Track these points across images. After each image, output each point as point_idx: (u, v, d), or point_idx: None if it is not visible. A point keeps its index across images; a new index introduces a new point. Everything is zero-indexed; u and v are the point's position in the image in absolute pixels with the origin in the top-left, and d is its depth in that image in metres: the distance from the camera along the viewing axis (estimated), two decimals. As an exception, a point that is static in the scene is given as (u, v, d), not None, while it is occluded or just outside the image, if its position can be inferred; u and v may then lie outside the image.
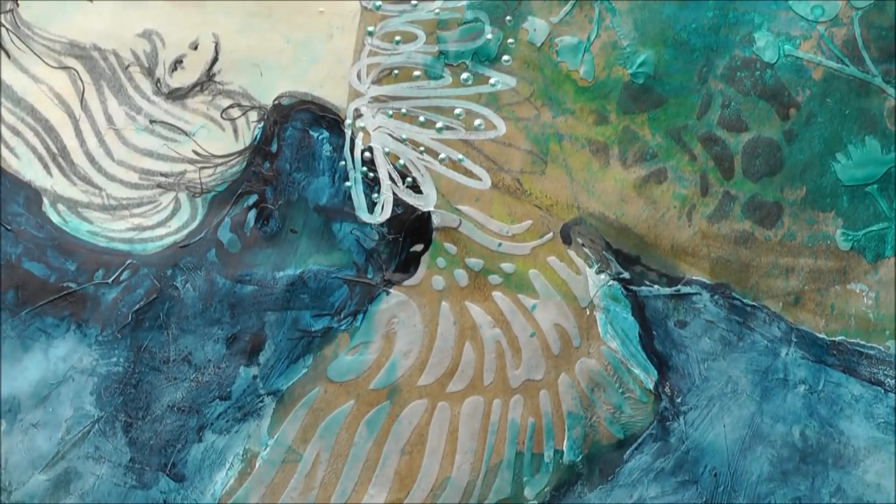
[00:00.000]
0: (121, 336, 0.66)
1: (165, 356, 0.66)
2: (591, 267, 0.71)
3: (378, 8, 0.70)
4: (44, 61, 0.68)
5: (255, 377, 0.67)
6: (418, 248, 0.70)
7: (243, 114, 0.69)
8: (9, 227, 0.66)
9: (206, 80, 0.69)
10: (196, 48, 0.69)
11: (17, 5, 0.67)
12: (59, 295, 0.66)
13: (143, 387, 0.66)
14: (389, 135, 0.70)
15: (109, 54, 0.68)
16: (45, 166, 0.67)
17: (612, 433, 0.70)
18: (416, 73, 0.70)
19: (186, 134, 0.69)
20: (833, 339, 0.71)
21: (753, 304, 0.71)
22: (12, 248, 0.66)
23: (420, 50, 0.70)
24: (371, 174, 0.69)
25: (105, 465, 0.65)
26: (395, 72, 0.70)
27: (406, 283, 0.69)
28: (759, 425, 0.71)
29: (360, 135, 0.70)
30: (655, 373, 0.70)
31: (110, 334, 0.66)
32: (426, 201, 0.70)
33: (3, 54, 0.67)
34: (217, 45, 0.69)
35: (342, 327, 0.69)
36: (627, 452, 0.70)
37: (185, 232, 0.68)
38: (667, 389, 0.70)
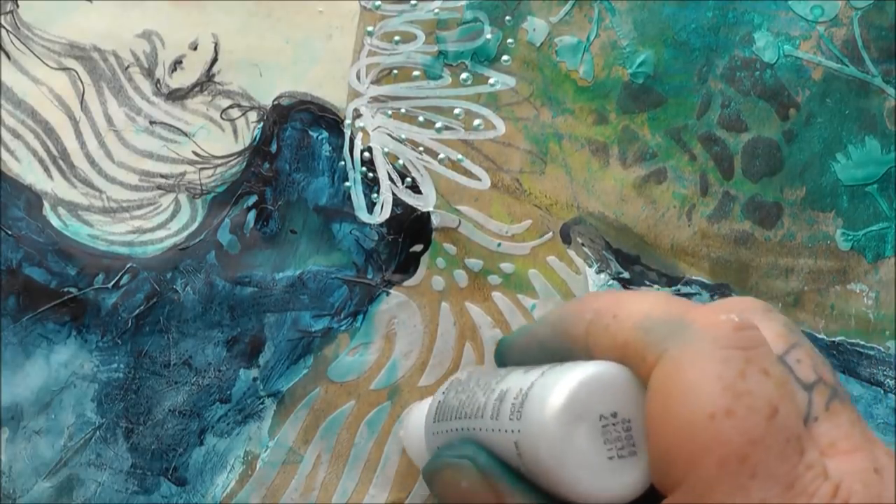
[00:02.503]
0: (121, 342, 0.66)
1: (166, 360, 0.66)
2: (590, 267, 0.71)
3: (377, 8, 0.70)
4: (44, 62, 0.67)
5: (255, 379, 0.67)
6: (418, 248, 0.70)
7: (243, 114, 0.69)
8: (9, 233, 0.66)
9: (206, 81, 0.68)
10: (196, 48, 0.69)
11: (18, 6, 0.67)
12: (60, 300, 0.65)
13: (143, 392, 0.66)
14: (389, 135, 0.70)
15: (109, 55, 0.68)
16: (46, 169, 0.66)
17: (613, 433, 0.70)
18: (416, 73, 0.70)
19: (186, 135, 0.68)
20: (833, 339, 0.71)
21: (753, 303, 0.71)
22: (13, 254, 0.65)
23: (419, 50, 0.70)
24: (370, 174, 0.69)
25: (106, 472, 0.65)
26: (395, 72, 0.70)
27: (406, 283, 0.69)
28: (759, 424, 0.70)
29: (360, 135, 0.70)
30: (656, 372, 0.70)
31: (110, 340, 0.66)
32: (426, 201, 0.70)
33: (3, 56, 0.67)
34: (217, 45, 0.69)
35: (342, 328, 0.68)
36: (628, 452, 0.70)
37: (185, 234, 0.68)
38: (667, 389, 0.70)
